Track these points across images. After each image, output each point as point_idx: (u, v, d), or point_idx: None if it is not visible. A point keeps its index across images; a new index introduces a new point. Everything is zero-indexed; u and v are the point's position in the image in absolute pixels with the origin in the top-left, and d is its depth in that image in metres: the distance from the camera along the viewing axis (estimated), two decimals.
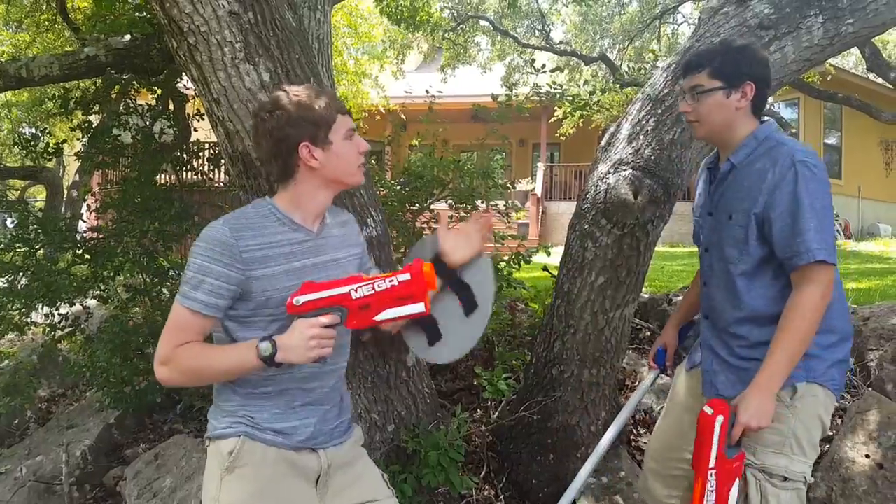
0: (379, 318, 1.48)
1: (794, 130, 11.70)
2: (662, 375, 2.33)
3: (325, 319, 1.45)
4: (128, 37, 3.65)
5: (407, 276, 1.46)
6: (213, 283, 1.45)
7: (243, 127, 1.95)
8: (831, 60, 11.82)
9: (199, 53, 1.89)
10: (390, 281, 1.47)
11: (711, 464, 1.70)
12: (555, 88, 7.39)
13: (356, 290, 1.47)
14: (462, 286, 1.71)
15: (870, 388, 3.14)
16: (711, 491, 1.71)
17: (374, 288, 1.47)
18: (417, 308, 1.47)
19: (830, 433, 2.88)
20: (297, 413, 1.59)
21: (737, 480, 1.72)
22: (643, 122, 2.51)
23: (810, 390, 1.74)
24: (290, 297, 1.46)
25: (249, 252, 1.47)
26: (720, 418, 1.70)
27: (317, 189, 1.55)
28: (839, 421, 2.97)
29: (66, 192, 10.57)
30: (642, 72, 10.02)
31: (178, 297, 1.48)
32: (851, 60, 18.64)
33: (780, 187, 1.70)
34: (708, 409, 1.72)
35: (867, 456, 2.51)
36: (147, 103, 4.04)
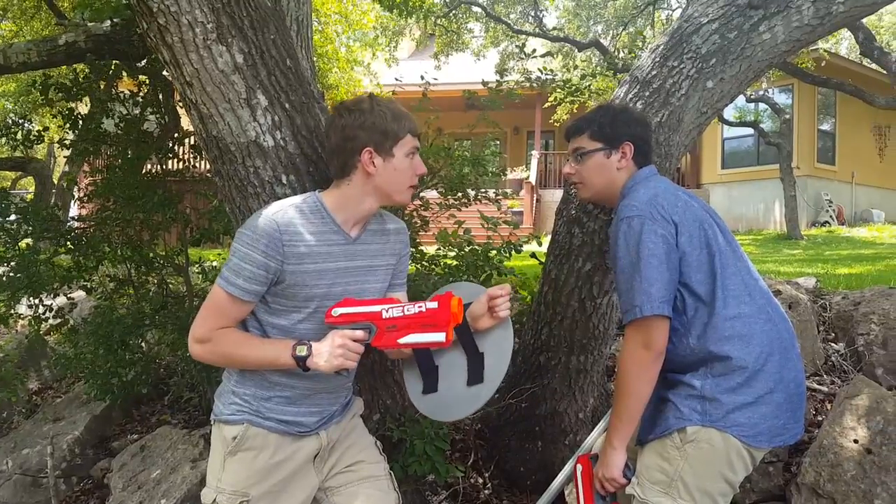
0: (402, 340, 1.53)
1: (787, 116, 11.65)
2: None
3: (358, 334, 1.53)
4: (108, 22, 3.58)
5: (434, 305, 1.50)
6: (252, 271, 1.53)
7: (217, 110, 1.88)
8: (825, 46, 11.76)
9: (169, 34, 1.83)
10: (419, 306, 1.51)
11: None
12: (546, 74, 7.29)
13: (387, 311, 1.53)
14: (475, 354, 1.67)
15: (860, 373, 3.12)
16: None
17: (403, 311, 1.52)
18: (438, 337, 1.49)
19: (819, 419, 2.87)
20: (300, 410, 1.67)
21: None
22: (630, 104, 2.46)
23: (705, 435, 1.63)
24: (329, 308, 1.56)
25: (291, 246, 1.55)
26: (579, 467, 1.87)
27: (365, 195, 1.63)
28: (828, 406, 2.96)
29: (56, 182, 10.47)
30: (633, 56, 9.96)
31: (220, 281, 1.56)
32: (845, 46, 18.59)
33: (612, 245, 1.76)
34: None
35: (856, 441, 2.49)
36: (130, 90, 3.96)
